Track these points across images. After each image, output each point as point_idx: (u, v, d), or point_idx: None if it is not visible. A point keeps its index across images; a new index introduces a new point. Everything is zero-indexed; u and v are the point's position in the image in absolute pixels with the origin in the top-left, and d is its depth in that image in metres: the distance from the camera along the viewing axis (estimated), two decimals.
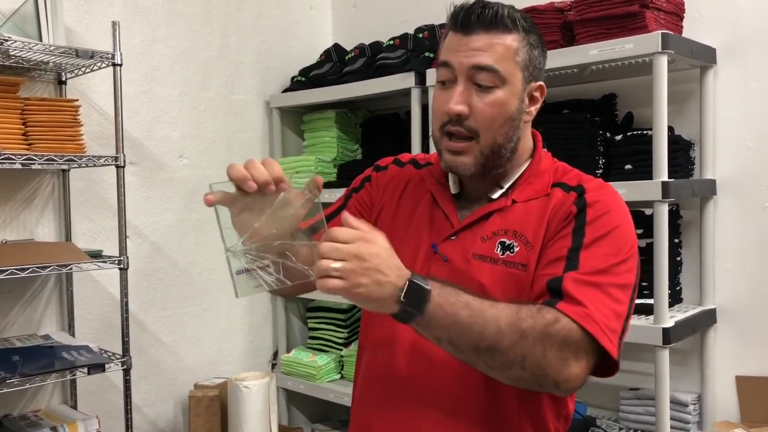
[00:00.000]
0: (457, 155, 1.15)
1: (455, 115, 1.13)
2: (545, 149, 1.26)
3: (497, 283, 1.12)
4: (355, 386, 1.31)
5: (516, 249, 1.13)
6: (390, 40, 2.71)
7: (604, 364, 1.06)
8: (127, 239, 2.30)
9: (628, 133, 2.13)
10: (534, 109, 1.19)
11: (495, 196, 1.20)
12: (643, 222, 2.12)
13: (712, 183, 2.16)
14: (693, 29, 2.16)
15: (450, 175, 1.25)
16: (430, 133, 1.22)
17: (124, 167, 2.22)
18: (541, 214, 1.15)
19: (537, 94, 1.19)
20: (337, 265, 0.94)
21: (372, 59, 2.72)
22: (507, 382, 1.04)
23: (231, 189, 1.04)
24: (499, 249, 1.15)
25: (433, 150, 1.28)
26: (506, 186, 1.20)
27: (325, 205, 1.17)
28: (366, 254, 0.96)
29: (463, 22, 1.13)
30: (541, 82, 1.19)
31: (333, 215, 1.30)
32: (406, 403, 1.16)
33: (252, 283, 1.04)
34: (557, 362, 0.99)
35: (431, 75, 2.40)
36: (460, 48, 1.13)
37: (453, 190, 1.24)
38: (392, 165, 1.35)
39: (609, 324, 1.02)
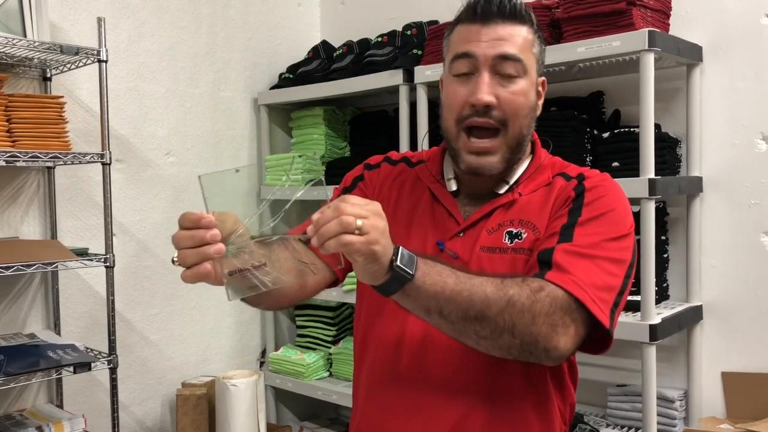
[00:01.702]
0: (483, 156, 1.13)
1: (484, 106, 1.10)
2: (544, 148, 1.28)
3: (504, 270, 1.11)
4: (357, 388, 1.28)
5: (524, 236, 1.13)
6: (378, 37, 2.70)
7: (598, 339, 1.06)
8: (114, 237, 2.28)
9: (615, 131, 2.14)
10: (540, 104, 1.21)
11: (502, 191, 1.19)
12: None
13: (698, 180, 2.17)
14: (680, 27, 2.17)
15: (446, 172, 1.24)
16: (442, 130, 1.19)
17: (110, 164, 2.21)
18: (544, 201, 1.16)
19: (540, 88, 1.20)
20: (360, 222, 0.88)
21: (360, 56, 2.72)
22: (499, 353, 1.02)
23: (224, 178, 0.98)
24: (507, 239, 1.14)
25: (420, 148, 1.26)
26: (512, 182, 1.19)
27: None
28: (382, 214, 0.92)
29: (484, 11, 1.12)
30: (544, 78, 1.22)
31: None
32: (420, 397, 1.15)
33: (246, 283, 0.94)
34: (546, 329, 0.98)
35: (419, 72, 2.40)
36: (480, 38, 1.11)
37: (451, 187, 1.22)
38: (384, 163, 1.33)
39: (598, 293, 1.02)
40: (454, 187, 1.22)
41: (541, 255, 1.06)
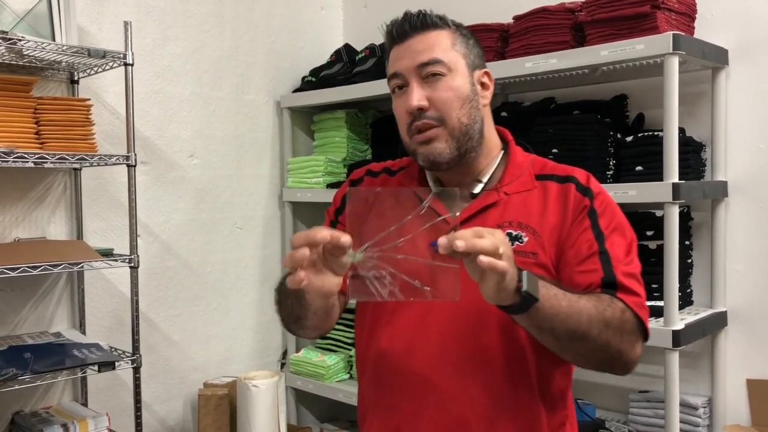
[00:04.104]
0: (430, 144, 1.22)
1: (417, 110, 1.21)
2: (519, 146, 1.35)
3: None
4: (363, 378, 1.34)
5: (525, 239, 1.21)
6: None
7: None
8: (138, 238, 2.31)
9: (639, 135, 2.12)
10: (488, 94, 1.29)
11: (476, 190, 1.27)
12: (654, 224, 2.11)
13: (723, 185, 2.15)
14: (705, 30, 2.14)
15: (428, 174, 1.32)
16: (402, 140, 1.29)
17: (135, 166, 2.24)
18: (541, 204, 1.24)
19: (485, 80, 1.29)
20: (502, 249, 0.95)
21: (382, 59, 2.72)
22: (585, 365, 1.17)
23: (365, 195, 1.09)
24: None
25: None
26: (485, 179, 1.28)
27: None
28: (509, 244, 1.00)
29: (399, 32, 1.25)
30: (486, 69, 1.29)
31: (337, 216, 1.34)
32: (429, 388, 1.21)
33: (364, 290, 1.03)
34: (628, 346, 1.13)
35: None
36: (403, 56, 1.24)
37: (433, 189, 1.29)
38: (366, 177, 1.42)
39: (647, 308, 1.19)
40: (435, 189, 1.29)
41: (606, 278, 1.16)
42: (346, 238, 0.97)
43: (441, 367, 1.20)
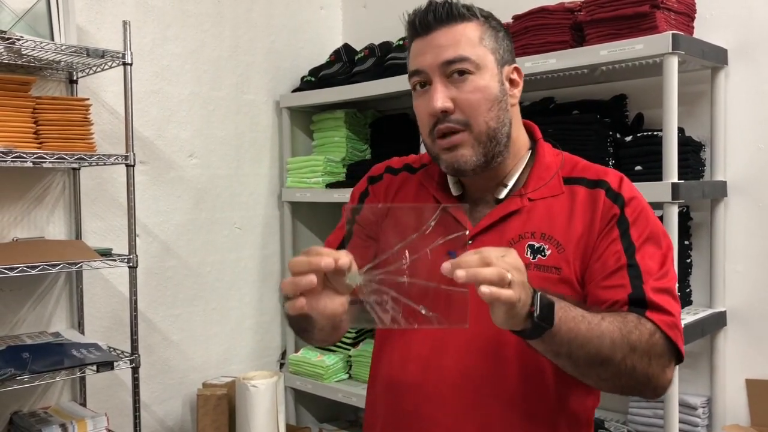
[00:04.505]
0: (454, 150, 1.13)
1: (441, 113, 1.12)
2: (548, 142, 1.26)
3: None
4: (373, 389, 1.30)
5: (548, 252, 1.12)
6: (400, 40, 2.71)
7: None
8: (137, 238, 2.31)
9: (638, 134, 2.12)
10: (517, 92, 1.20)
11: (502, 195, 1.19)
12: None
13: (722, 185, 2.15)
14: (704, 30, 2.14)
15: (449, 177, 1.24)
16: (422, 141, 1.21)
17: (134, 166, 2.23)
18: (567, 213, 1.15)
19: (515, 76, 1.19)
20: (509, 276, 0.88)
21: (382, 59, 2.72)
22: (609, 390, 1.09)
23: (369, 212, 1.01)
24: (528, 253, 1.12)
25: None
26: (510, 183, 1.19)
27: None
28: (522, 267, 0.93)
29: (422, 24, 1.15)
30: (516, 65, 1.20)
31: (346, 238, 1.26)
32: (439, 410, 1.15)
33: (365, 315, 0.95)
34: (658, 370, 1.05)
35: None
36: (426, 50, 1.14)
37: (454, 192, 1.22)
38: (386, 174, 1.34)
39: (680, 325, 1.09)
40: (457, 191, 1.23)
41: (632, 295, 1.07)
42: (343, 261, 0.91)
43: (455, 396, 1.13)
